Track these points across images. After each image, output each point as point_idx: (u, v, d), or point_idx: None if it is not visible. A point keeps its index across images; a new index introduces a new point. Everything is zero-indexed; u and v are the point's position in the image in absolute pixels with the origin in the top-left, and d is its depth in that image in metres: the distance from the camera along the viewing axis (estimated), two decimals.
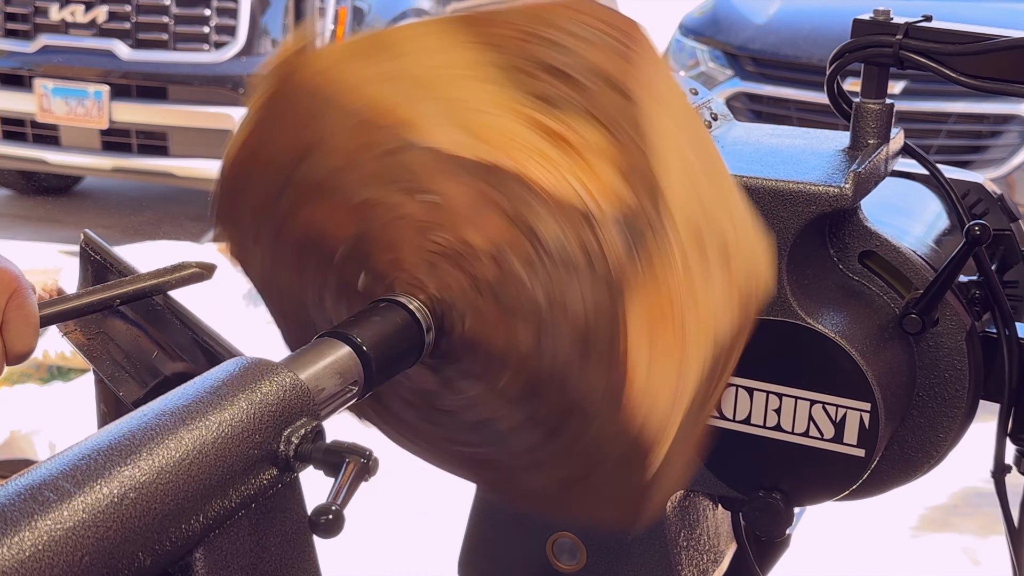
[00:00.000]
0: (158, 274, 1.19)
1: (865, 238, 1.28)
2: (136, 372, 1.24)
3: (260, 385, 0.88)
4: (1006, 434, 1.31)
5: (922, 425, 1.30)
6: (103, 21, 5.92)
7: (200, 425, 0.83)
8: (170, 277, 1.19)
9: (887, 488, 1.32)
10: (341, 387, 0.95)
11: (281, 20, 5.86)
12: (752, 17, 5.79)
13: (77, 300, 1.16)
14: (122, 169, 6.08)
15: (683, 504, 1.38)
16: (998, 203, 1.48)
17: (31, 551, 0.71)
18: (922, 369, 1.29)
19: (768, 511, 1.27)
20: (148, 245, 4.76)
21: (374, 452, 0.88)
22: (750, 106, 5.53)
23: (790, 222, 1.22)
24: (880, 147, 1.29)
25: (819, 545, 3.17)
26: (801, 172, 1.24)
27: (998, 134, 5.13)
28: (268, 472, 0.87)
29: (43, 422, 3.59)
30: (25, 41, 6.05)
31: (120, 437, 0.80)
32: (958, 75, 1.26)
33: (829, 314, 1.24)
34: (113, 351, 1.26)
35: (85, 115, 5.90)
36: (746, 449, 1.27)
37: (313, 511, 0.86)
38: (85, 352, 1.27)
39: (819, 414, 1.23)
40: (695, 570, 1.40)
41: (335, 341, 0.97)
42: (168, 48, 5.88)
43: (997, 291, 1.30)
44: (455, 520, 1.51)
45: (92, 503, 0.75)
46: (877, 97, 1.30)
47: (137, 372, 1.24)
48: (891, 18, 1.29)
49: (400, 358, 1.01)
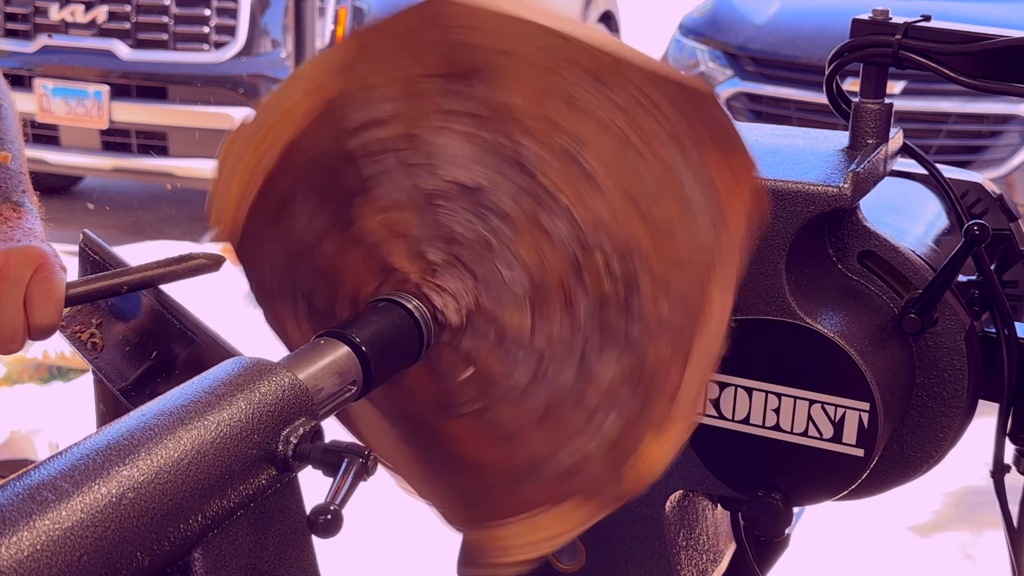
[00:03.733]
0: (167, 263, 1.21)
1: (864, 238, 1.28)
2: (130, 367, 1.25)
3: (259, 385, 0.88)
4: (1005, 434, 1.31)
5: (921, 425, 1.30)
6: (103, 21, 5.91)
7: (199, 425, 0.83)
8: (177, 267, 1.21)
9: (886, 488, 1.32)
10: (340, 387, 0.95)
11: (281, 20, 5.86)
12: (752, 17, 5.79)
13: (99, 282, 1.18)
14: (122, 169, 6.08)
15: (683, 504, 1.38)
16: (997, 203, 1.47)
17: (30, 551, 0.71)
18: (921, 369, 1.29)
19: (767, 511, 1.27)
20: (148, 245, 4.77)
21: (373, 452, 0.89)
22: (750, 106, 5.53)
23: (789, 222, 1.22)
24: (879, 147, 1.29)
25: (819, 545, 3.17)
26: (800, 172, 1.24)
27: (998, 134, 5.13)
28: (267, 472, 0.87)
29: (43, 422, 3.59)
30: (25, 41, 6.05)
31: (119, 437, 0.80)
32: (957, 75, 1.26)
33: (828, 314, 1.24)
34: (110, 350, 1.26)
35: (85, 115, 5.90)
36: (745, 449, 1.27)
37: (312, 511, 0.86)
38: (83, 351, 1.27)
39: (818, 414, 1.23)
40: (694, 570, 1.40)
41: (334, 341, 0.97)
42: (168, 48, 5.88)
43: (996, 291, 1.30)
44: None
45: (91, 503, 0.75)
46: (876, 97, 1.30)
47: (132, 367, 1.25)
48: (890, 18, 1.29)
49: (399, 356, 1.01)
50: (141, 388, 1.21)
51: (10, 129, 1.35)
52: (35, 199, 1.29)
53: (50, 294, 1.14)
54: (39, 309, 1.13)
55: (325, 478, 0.88)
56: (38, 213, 1.28)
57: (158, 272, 1.20)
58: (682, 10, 6.32)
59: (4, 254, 1.15)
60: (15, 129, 1.37)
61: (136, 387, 1.21)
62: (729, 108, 1.39)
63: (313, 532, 0.86)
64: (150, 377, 1.21)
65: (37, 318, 1.13)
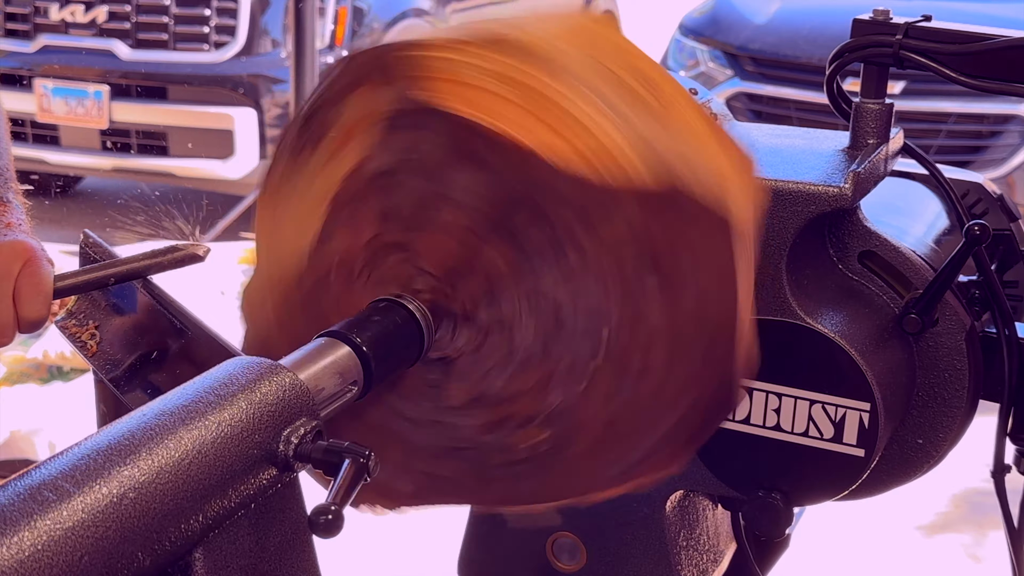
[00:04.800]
0: (153, 255, 1.21)
1: (865, 238, 1.28)
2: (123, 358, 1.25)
3: (260, 385, 0.88)
4: (1006, 434, 1.31)
5: (922, 425, 1.30)
6: (103, 21, 5.92)
7: (200, 425, 0.83)
8: (164, 258, 1.22)
9: (887, 488, 1.32)
10: (341, 387, 0.95)
11: (281, 20, 5.86)
12: (752, 17, 5.79)
13: (87, 275, 1.18)
14: (122, 169, 6.09)
15: (683, 504, 1.38)
16: (998, 203, 1.47)
17: (31, 551, 0.71)
18: (922, 369, 1.29)
19: (768, 511, 1.27)
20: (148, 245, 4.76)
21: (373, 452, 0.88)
22: (750, 106, 5.53)
23: (790, 222, 1.22)
24: (880, 147, 1.29)
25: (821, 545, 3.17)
26: (801, 172, 1.24)
27: (998, 134, 5.13)
28: (267, 472, 0.87)
29: (43, 422, 3.59)
30: (25, 41, 6.05)
31: (119, 437, 0.80)
32: (958, 75, 1.26)
33: (829, 314, 1.24)
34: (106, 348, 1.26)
35: (85, 115, 5.90)
36: (746, 449, 1.27)
37: (312, 511, 0.86)
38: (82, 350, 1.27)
39: (819, 414, 1.23)
40: (695, 570, 1.40)
41: (335, 341, 0.97)
42: (168, 48, 5.88)
43: (997, 291, 1.30)
44: (455, 520, 1.51)
45: (91, 503, 0.75)
46: (877, 97, 1.30)
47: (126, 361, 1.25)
48: (891, 18, 1.29)
49: (400, 356, 1.01)
50: (132, 379, 1.22)
51: None
52: (20, 194, 1.30)
53: (39, 288, 1.14)
54: (28, 302, 1.14)
55: (325, 478, 0.88)
56: (23, 208, 1.28)
57: (145, 264, 1.21)
58: (682, 10, 6.32)
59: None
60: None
61: (127, 377, 1.22)
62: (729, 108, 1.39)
63: (314, 532, 0.86)
64: (141, 367, 1.22)
65: (26, 311, 1.14)
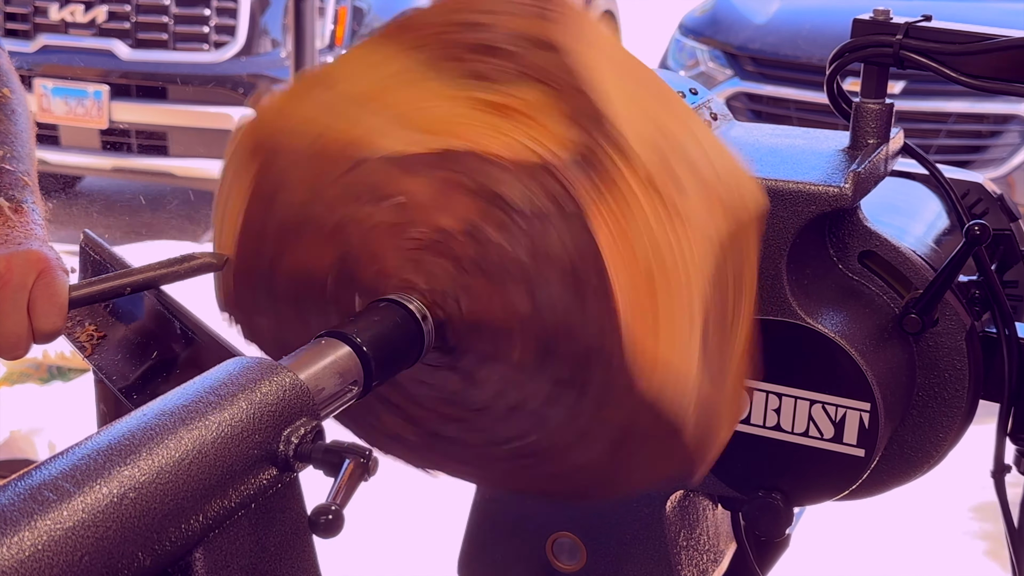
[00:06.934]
0: (169, 264, 1.21)
1: (865, 238, 1.28)
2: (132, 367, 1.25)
3: (260, 385, 0.88)
4: (1006, 434, 1.31)
5: (922, 425, 1.30)
6: (103, 21, 5.91)
7: (200, 425, 0.83)
8: (180, 267, 1.20)
9: (887, 488, 1.32)
10: (341, 387, 0.95)
11: (281, 20, 5.86)
12: (752, 17, 5.78)
13: (102, 284, 1.17)
14: (122, 169, 6.08)
15: (683, 504, 1.38)
16: (998, 203, 1.48)
17: (31, 551, 0.71)
18: (922, 369, 1.29)
19: (768, 511, 1.27)
20: (148, 245, 4.76)
21: (374, 452, 0.89)
22: (750, 106, 5.52)
23: (790, 222, 1.22)
24: (880, 147, 1.29)
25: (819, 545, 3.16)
26: (801, 172, 1.24)
27: (998, 134, 5.12)
28: (268, 472, 0.87)
29: (43, 422, 3.59)
30: (25, 41, 6.05)
31: (120, 437, 0.80)
32: (958, 75, 1.26)
33: (829, 314, 1.24)
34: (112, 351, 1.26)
35: (85, 115, 5.89)
36: (746, 449, 1.27)
37: (313, 511, 0.86)
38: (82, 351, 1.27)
39: (819, 414, 1.23)
40: (695, 570, 1.40)
41: (335, 341, 0.97)
42: (168, 48, 5.87)
43: (997, 291, 1.30)
44: (455, 520, 1.51)
45: (92, 503, 0.75)
46: (877, 97, 1.30)
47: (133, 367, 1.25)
48: (891, 18, 1.29)
49: (400, 356, 1.01)
50: (143, 388, 1.21)
51: (10, 130, 1.35)
52: (40, 200, 1.29)
53: (54, 299, 1.13)
54: (43, 314, 1.12)
55: (326, 478, 0.88)
56: (41, 212, 1.27)
57: (160, 273, 1.20)
58: (682, 10, 6.31)
59: (6, 259, 1.14)
60: (22, 128, 1.36)
61: (137, 387, 1.21)
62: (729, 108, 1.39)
63: (314, 532, 0.86)
64: (151, 376, 1.21)
65: (41, 323, 1.12)
